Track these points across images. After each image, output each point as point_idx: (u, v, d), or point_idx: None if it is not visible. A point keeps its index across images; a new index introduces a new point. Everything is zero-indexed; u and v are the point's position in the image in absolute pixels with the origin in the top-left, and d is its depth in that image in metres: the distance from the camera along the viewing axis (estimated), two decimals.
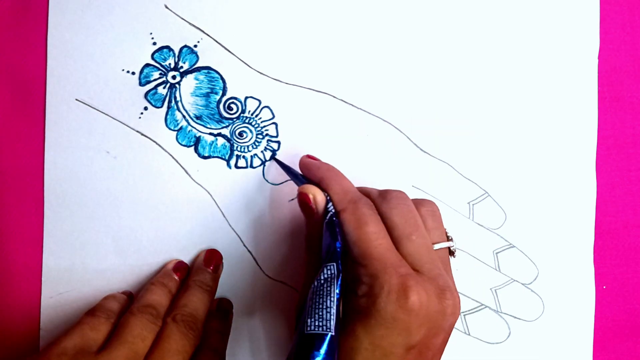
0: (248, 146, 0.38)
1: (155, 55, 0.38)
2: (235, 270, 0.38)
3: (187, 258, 0.38)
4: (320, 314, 0.27)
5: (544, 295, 0.40)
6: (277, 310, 0.39)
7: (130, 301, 0.36)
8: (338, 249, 0.29)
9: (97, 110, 0.38)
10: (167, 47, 0.38)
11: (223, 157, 0.38)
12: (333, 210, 0.31)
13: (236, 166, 0.38)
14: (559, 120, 0.40)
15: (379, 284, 0.28)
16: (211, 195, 0.38)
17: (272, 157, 0.38)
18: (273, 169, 0.39)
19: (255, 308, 0.39)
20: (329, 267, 0.29)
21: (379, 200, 0.32)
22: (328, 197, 0.32)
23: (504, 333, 0.40)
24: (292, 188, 0.39)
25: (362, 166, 0.39)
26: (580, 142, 0.40)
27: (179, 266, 0.37)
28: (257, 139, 0.38)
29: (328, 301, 0.28)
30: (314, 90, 0.39)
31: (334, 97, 0.39)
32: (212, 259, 0.37)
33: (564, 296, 0.40)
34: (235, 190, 0.38)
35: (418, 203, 0.32)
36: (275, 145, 0.39)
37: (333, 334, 0.27)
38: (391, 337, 0.27)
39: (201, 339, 0.34)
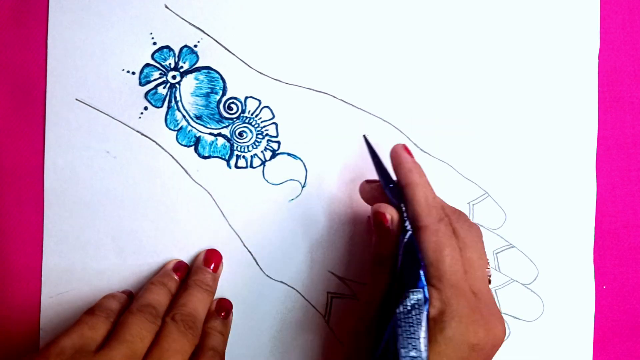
0: (248, 146, 0.38)
1: (155, 55, 0.38)
2: (235, 270, 0.38)
3: (187, 258, 0.38)
4: (414, 344, 0.27)
5: (544, 295, 0.40)
6: (277, 311, 0.39)
7: (130, 300, 0.36)
8: (422, 275, 0.28)
9: (97, 110, 0.38)
10: (167, 47, 0.38)
11: (223, 157, 0.38)
12: (411, 231, 0.30)
13: (236, 166, 0.38)
14: (559, 120, 0.40)
15: (450, 312, 0.27)
16: (211, 195, 0.38)
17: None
18: (273, 168, 0.39)
19: (255, 308, 0.39)
20: (415, 293, 0.28)
21: (454, 217, 0.31)
22: (405, 212, 0.31)
23: None
24: (292, 188, 0.39)
25: (362, 166, 0.39)
26: (580, 142, 0.40)
27: (179, 266, 0.37)
28: (257, 139, 0.38)
29: (420, 331, 0.27)
30: (314, 90, 0.39)
31: (334, 97, 0.39)
32: (211, 259, 0.37)
33: (564, 296, 0.40)
34: (235, 190, 0.38)
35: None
36: (275, 145, 0.39)
37: None
38: None
39: (200, 338, 0.34)
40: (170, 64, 0.38)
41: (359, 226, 0.39)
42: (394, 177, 0.34)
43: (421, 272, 0.29)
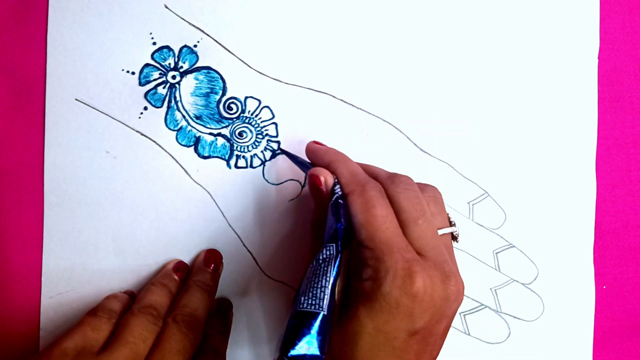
0: (248, 146, 0.38)
1: (155, 55, 0.38)
2: (235, 270, 0.38)
3: (187, 258, 0.38)
4: (315, 292, 0.27)
5: (544, 295, 0.40)
6: (277, 310, 0.39)
7: (132, 301, 0.36)
8: (340, 230, 0.29)
9: (97, 110, 0.38)
10: (167, 47, 0.38)
11: (223, 157, 0.38)
12: (339, 193, 0.31)
13: (236, 166, 0.38)
14: (559, 120, 0.40)
15: (385, 268, 0.27)
16: (211, 195, 0.38)
17: (278, 148, 0.38)
18: (273, 168, 0.39)
19: (255, 308, 0.39)
20: (328, 248, 0.29)
21: (387, 183, 0.31)
22: (336, 180, 0.31)
23: (504, 333, 0.40)
24: (292, 188, 0.39)
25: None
26: (580, 142, 0.40)
27: (179, 266, 0.37)
28: (257, 139, 0.38)
29: (324, 281, 0.27)
30: (314, 90, 0.39)
31: (334, 97, 0.39)
32: (212, 259, 0.37)
33: (564, 296, 0.40)
34: (235, 190, 0.38)
35: (421, 188, 0.32)
36: (275, 145, 0.39)
37: (325, 313, 0.27)
38: (395, 321, 0.27)
39: (201, 339, 0.34)
40: (170, 64, 0.38)
41: None
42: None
43: (339, 227, 0.29)
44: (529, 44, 0.40)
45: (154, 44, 0.38)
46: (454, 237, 0.32)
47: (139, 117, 0.38)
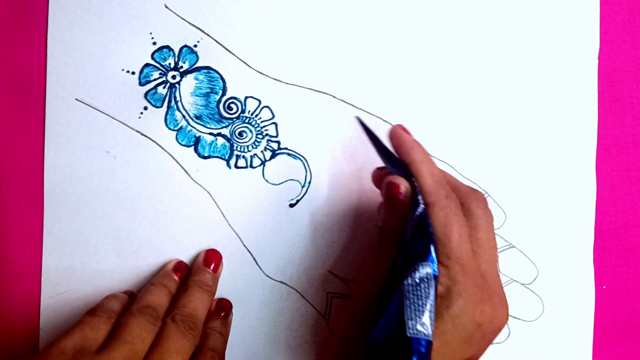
0: (248, 146, 0.38)
1: (155, 55, 0.38)
2: (235, 270, 0.38)
3: (187, 258, 0.38)
4: (421, 317, 0.26)
5: (543, 295, 0.40)
6: (277, 311, 0.39)
7: (131, 300, 0.36)
8: (434, 249, 0.28)
9: (97, 110, 0.38)
10: (167, 46, 0.38)
11: (223, 157, 0.38)
12: (423, 207, 0.29)
13: (236, 166, 0.38)
14: (559, 120, 0.40)
15: (457, 290, 0.27)
16: (211, 195, 0.38)
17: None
18: (273, 168, 0.39)
19: (255, 308, 0.39)
20: (424, 266, 0.27)
21: (470, 197, 0.31)
22: (416, 185, 0.30)
23: (504, 333, 0.40)
24: (292, 188, 0.39)
25: (362, 166, 0.39)
26: (580, 142, 0.40)
27: (179, 266, 0.37)
28: (257, 139, 0.38)
29: (428, 304, 0.26)
30: (314, 90, 0.39)
31: (334, 97, 0.39)
32: (211, 259, 0.37)
33: (564, 296, 0.40)
34: (235, 190, 0.38)
35: None
36: (275, 145, 0.39)
37: (431, 339, 0.26)
38: (454, 345, 0.27)
39: (201, 339, 0.34)
40: (170, 63, 0.38)
41: (359, 226, 0.39)
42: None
43: (431, 247, 0.28)
44: (529, 44, 0.40)
45: (154, 43, 0.38)
46: None
47: (139, 117, 0.38)
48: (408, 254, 0.28)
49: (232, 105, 0.38)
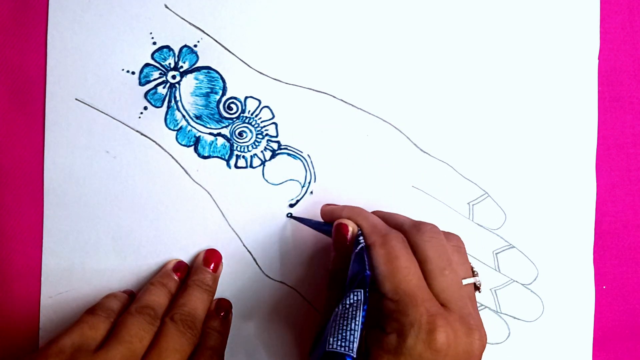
0: (248, 146, 0.38)
1: (155, 55, 0.38)
2: (235, 270, 0.38)
3: (186, 258, 0.38)
4: (344, 335, 0.27)
5: (543, 295, 0.40)
6: (277, 311, 0.39)
7: (131, 300, 0.36)
8: (367, 278, 0.29)
9: (97, 110, 0.38)
10: (167, 46, 0.38)
11: (223, 157, 0.38)
12: (364, 243, 0.31)
13: (236, 166, 0.38)
14: (559, 120, 0.40)
15: (409, 322, 0.27)
16: (211, 195, 0.38)
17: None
18: (273, 168, 0.39)
19: (255, 308, 0.39)
20: (355, 293, 0.28)
21: (412, 232, 0.31)
22: (359, 231, 0.32)
23: (503, 333, 0.40)
24: (292, 188, 0.39)
25: (362, 166, 0.39)
26: (580, 142, 0.40)
27: (179, 266, 0.37)
28: (257, 139, 0.38)
29: (352, 324, 0.27)
30: (314, 90, 0.39)
31: (334, 97, 0.39)
32: (211, 258, 0.37)
33: (564, 296, 0.40)
34: (235, 190, 0.38)
35: (445, 237, 0.32)
36: (275, 145, 0.39)
37: (354, 356, 0.27)
38: None
39: (200, 338, 0.34)
40: (170, 63, 0.38)
41: None
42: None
43: (366, 275, 0.29)
44: (529, 44, 0.40)
45: (154, 43, 0.38)
46: (476, 287, 0.32)
47: (139, 117, 0.38)
48: (347, 287, 0.30)
49: (232, 105, 0.38)
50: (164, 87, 0.38)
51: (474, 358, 0.29)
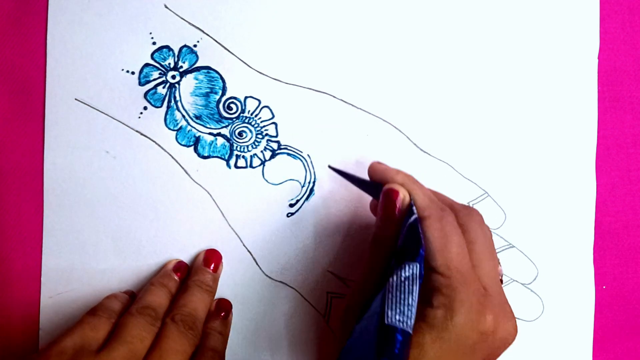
0: (248, 146, 0.38)
1: (154, 55, 0.38)
2: (235, 271, 0.38)
3: (186, 258, 0.38)
4: (402, 309, 0.26)
5: (543, 295, 0.40)
6: (277, 311, 0.39)
7: (132, 300, 0.36)
8: (422, 253, 0.28)
9: (97, 109, 0.38)
10: (167, 46, 0.38)
11: (223, 157, 0.38)
12: (416, 216, 0.30)
13: (236, 166, 0.38)
14: (559, 120, 0.40)
15: (460, 299, 0.27)
16: (211, 195, 0.38)
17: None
18: (273, 168, 0.39)
19: (255, 308, 0.39)
20: (411, 267, 0.28)
21: (464, 212, 0.31)
22: (411, 198, 0.31)
23: None
24: (292, 188, 0.39)
25: (362, 166, 0.39)
26: (580, 142, 0.40)
27: (179, 266, 0.37)
28: (257, 139, 0.38)
29: (410, 299, 0.27)
30: (313, 90, 0.39)
31: (334, 97, 0.39)
32: (211, 259, 0.37)
33: (564, 296, 0.40)
34: (235, 190, 0.38)
35: None
36: (274, 145, 0.39)
37: (411, 332, 0.26)
38: (457, 354, 0.27)
39: (201, 339, 0.34)
40: (169, 63, 0.38)
41: (359, 226, 0.39)
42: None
43: (421, 250, 0.28)
44: (529, 44, 0.40)
45: (154, 43, 0.38)
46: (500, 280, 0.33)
47: (139, 117, 0.38)
48: (399, 257, 0.29)
49: (231, 105, 0.38)
50: (163, 87, 0.38)
51: (507, 346, 0.29)
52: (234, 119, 0.38)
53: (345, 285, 0.39)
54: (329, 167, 0.37)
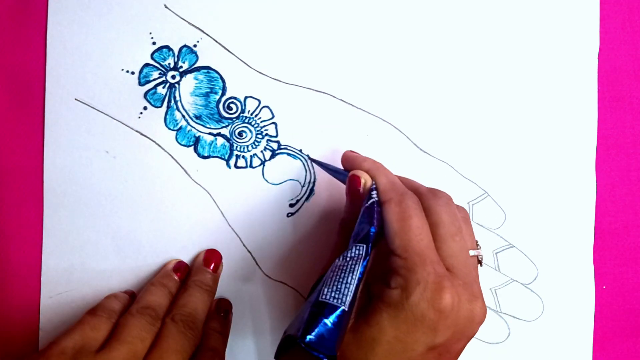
0: (247, 146, 0.38)
1: (154, 55, 0.38)
2: (235, 270, 0.38)
3: (186, 258, 0.38)
4: (339, 287, 0.27)
5: (543, 295, 0.40)
6: (277, 311, 0.39)
7: (132, 300, 0.36)
8: (371, 234, 0.29)
9: (97, 109, 0.38)
10: (167, 46, 0.38)
11: (222, 157, 0.38)
12: (376, 198, 0.31)
13: (236, 166, 0.38)
14: (559, 120, 0.40)
15: (416, 279, 0.27)
16: (211, 195, 0.38)
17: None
18: (273, 168, 0.39)
19: (255, 308, 0.39)
20: (358, 247, 0.29)
21: (428, 196, 0.31)
22: (374, 186, 0.32)
23: (503, 333, 0.40)
24: (292, 188, 0.39)
25: None
26: (580, 142, 0.40)
27: (179, 266, 0.37)
28: (257, 139, 0.38)
29: (349, 278, 0.28)
30: (313, 90, 0.39)
31: (334, 97, 0.39)
32: (211, 259, 0.37)
33: (564, 296, 0.40)
34: (235, 190, 0.38)
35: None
36: (274, 145, 0.39)
37: (346, 309, 0.27)
38: (416, 333, 0.27)
39: (201, 339, 0.34)
40: (169, 63, 0.38)
41: None
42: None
43: (371, 231, 0.29)
44: (529, 44, 0.40)
45: (154, 43, 0.38)
46: (478, 261, 0.32)
47: (139, 117, 0.38)
48: (352, 240, 0.30)
49: (231, 105, 0.38)
50: (163, 87, 0.38)
51: (474, 326, 0.29)
52: (234, 119, 0.38)
53: None
54: (309, 158, 0.38)
